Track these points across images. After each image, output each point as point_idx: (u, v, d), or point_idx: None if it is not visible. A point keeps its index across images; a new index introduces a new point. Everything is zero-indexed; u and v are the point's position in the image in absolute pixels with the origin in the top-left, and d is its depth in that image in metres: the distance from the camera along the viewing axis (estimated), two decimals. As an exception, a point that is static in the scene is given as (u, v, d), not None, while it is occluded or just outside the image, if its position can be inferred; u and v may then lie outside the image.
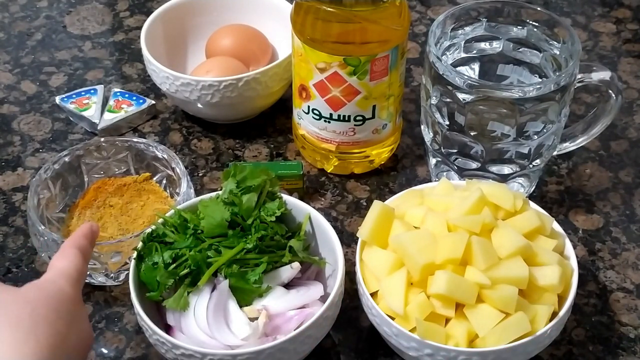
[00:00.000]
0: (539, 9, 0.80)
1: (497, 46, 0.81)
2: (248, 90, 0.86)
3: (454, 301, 0.65)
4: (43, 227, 0.74)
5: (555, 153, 0.83)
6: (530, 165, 0.80)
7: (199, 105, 0.88)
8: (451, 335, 0.65)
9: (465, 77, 0.74)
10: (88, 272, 0.74)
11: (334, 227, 0.72)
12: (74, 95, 0.95)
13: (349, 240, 0.81)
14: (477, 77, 0.79)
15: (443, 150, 0.81)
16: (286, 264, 0.69)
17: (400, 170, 0.89)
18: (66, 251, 0.63)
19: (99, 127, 0.92)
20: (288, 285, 0.70)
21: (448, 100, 0.76)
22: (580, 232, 0.82)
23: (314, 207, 0.74)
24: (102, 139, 0.84)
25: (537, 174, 0.84)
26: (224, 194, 0.71)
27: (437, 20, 0.78)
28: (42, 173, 0.79)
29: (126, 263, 0.74)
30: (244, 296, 0.67)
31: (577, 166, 0.89)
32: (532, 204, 0.72)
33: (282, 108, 0.94)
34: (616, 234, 0.82)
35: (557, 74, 0.75)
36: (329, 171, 0.88)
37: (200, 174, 0.88)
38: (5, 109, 0.96)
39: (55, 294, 0.58)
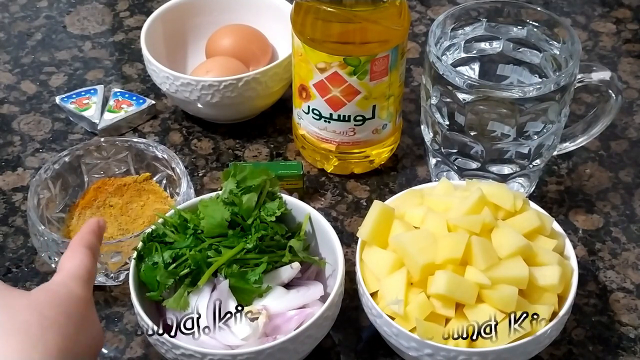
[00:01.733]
0: (539, 9, 0.80)
1: (497, 46, 0.81)
2: (248, 90, 0.86)
3: (454, 301, 0.65)
4: (43, 227, 0.74)
5: (555, 153, 0.82)
6: (530, 165, 0.80)
7: (199, 105, 0.88)
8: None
9: (465, 77, 0.74)
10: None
11: (334, 227, 0.72)
12: (74, 95, 0.95)
13: (349, 240, 0.81)
14: (477, 77, 0.79)
15: (443, 150, 0.81)
16: (286, 264, 0.69)
17: (400, 170, 0.89)
18: (75, 250, 0.62)
19: (99, 127, 0.92)
20: (288, 285, 0.70)
21: (448, 100, 0.76)
22: (580, 232, 0.82)
23: (314, 207, 0.74)
24: (102, 139, 0.84)
25: (537, 174, 0.84)
26: (224, 194, 0.71)
27: (437, 20, 0.78)
28: (42, 173, 0.79)
29: (126, 263, 0.74)
30: (244, 296, 0.67)
31: (577, 166, 0.89)
32: (532, 204, 0.72)
33: (282, 108, 0.93)
34: (616, 234, 0.82)
35: (557, 74, 0.75)
36: (329, 171, 0.88)
37: (200, 174, 0.88)
38: (5, 109, 0.96)
39: (66, 297, 0.58)
